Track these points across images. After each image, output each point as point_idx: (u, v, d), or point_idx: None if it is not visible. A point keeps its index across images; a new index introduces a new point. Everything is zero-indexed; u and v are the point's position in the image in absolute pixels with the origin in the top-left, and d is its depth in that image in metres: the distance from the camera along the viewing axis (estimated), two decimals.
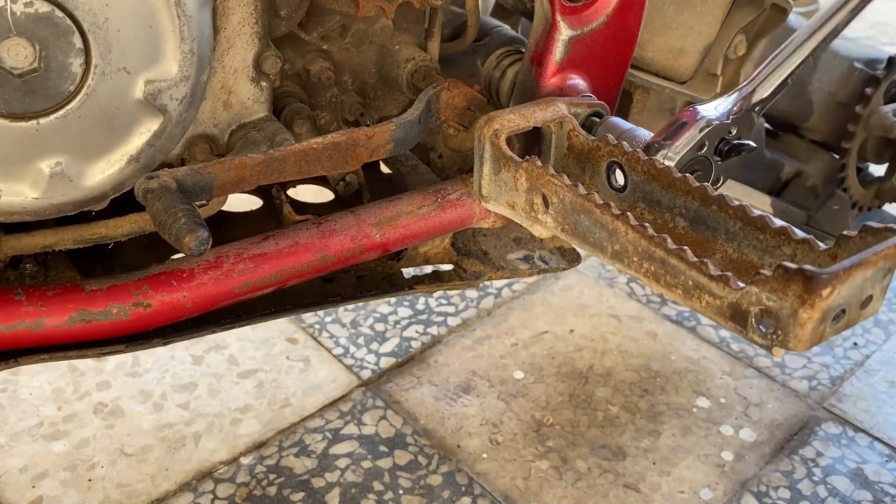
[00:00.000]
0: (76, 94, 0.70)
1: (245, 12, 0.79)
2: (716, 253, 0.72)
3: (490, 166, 0.81)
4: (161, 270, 0.78)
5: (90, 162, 0.73)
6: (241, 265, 0.80)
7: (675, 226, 0.75)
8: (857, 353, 1.64)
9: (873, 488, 1.35)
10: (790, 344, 0.61)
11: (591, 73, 0.86)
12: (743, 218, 0.69)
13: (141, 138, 0.74)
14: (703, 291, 0.65)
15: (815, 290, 0.58)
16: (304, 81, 0.90)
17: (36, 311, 0.74)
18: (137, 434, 1.38)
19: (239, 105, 0.82)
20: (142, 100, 0.72)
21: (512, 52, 0.91)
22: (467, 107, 0.88)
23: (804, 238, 0.66)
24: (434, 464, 1.36)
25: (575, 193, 0.73)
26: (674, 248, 0.66)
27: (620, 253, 0.71)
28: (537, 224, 0.80)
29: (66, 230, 0.79)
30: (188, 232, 0.66)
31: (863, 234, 0.62)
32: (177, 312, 0.78)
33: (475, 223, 0.90)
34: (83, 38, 0.68)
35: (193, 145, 0.82)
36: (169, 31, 0.71)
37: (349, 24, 0.88)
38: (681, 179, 0.73)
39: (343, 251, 0.84)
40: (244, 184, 0.75)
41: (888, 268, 0.60)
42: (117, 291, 0.76)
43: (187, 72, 0.73)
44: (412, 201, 0.87)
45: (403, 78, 0.91)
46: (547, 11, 0.83)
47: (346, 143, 0.79)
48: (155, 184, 0.69)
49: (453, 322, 1.67)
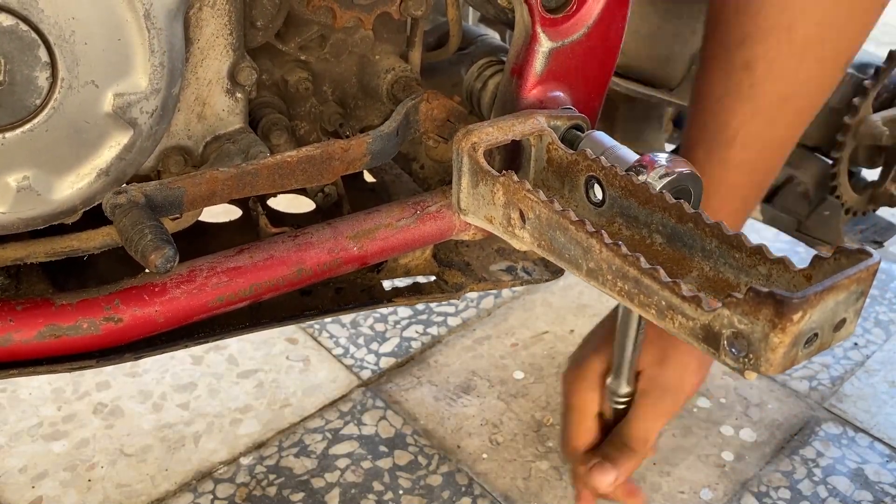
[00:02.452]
0: (43, 107, 0.69)
1: (219, 23, 0.78)
2: (692, 271, 0.71)
3: (468, 179, 0.80)
4: (133, 284, 0.77)
5: (59, 176, 0.72)
6: (214, 279, 0.79)
7: (653, 242, 0.74)
8: (858, 353, 1.64)
9: (874, 488, 1.34)
10: (762, 367, 0.59)
11: (573, 86, 0.85)
12: (719, 236, 0.68)
13: (111, 152, 0.73)
14: (676, 312, 0.64)
15: (785, 315, 0.56)
16: (283, 92, 0.89)
17: (4, 325, 0.73)
18: (137, 434, 1.38)
19: (213, 117, 0.81)
20: (111, 113, 0.71)
21: (494, 62, 0.90)
22: (447, 118, 0.87)
23: (779, 258, 0.65)
24: (434, 464, 1.36)
25: (550, 209, 0.72)
26: (647, 268, 0.64)
27: (595, 271, 0.70)
28: (515, 238, 0.79)
29: (37, 243, 0.78)
30: (154, 249, 0.65)
31: (837, 256, 0.60)
32: (149, 327, 0.77)
33: (455, 235, 0.88)
34: (49, 52, 0.67)
35: (167, 157, 0.81)
36: (138, 44, 0.70)
37: (328, 34, 0.87)
38: (657, 196, 0.71)
39: (320, 264, 0.83)
40: (215, 198, 0.74)
41: (861, 291, 0.59)
42: (88, 306, 0.75)
43: (158, 85, 0.72)
44: (391, 213, 0.86)
45: (384, 88, 0.90)
46: (527, 23, 0.82)
47: (321, 156, 0.78)
48: (123, 199, 0.69)
49: (453, 322, 1.67)
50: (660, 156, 0.74)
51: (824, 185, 1.33)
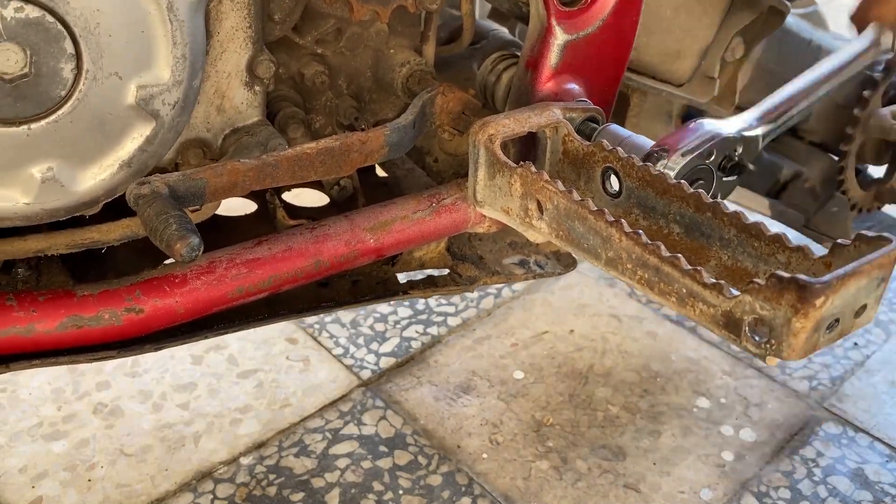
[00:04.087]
0: (67, 99, 0.69)
1: (238, 17, 0.78)
2: (710, 260, 0.72)
3: (485, 171, 0.81)
4: (153, 276, 0.77)
5: (82, 167, 0.72)
6: (234, 270, 0.79)
7: (670, 232, 0.75)
8: (858, 353, 1.64)
9: (873, 488, 1.34)
10: (784, 353, 0.60)
11: (587, 78, 0.86)
12: (737, 225, 0.69)
13: (133, 143, 0.73)
14: (697, 299, 0.64)
15: (808, 300, 0.57)
16: (299, 85, 0.90)
17: (27, 316, 0.74)
18: (137, 434, 1.38)
19: (232, 110, 0.82)
20: (134, 105, 0.72)
21: (507, 56, 0.91)
22: (462, 111, 0.87)
23: (798, 246, 0.66)
24: (434, 464, 1.36)
25: (569, 200, 0.73)
26: (667, 256, 0.65)
27: (614, 260, 0.70)
28: (532, 230, 0.79)
29: (58, 235, 0.78)
30: (179, 238, 0.65)
31: (857, 243, 0.61)
32: (169, 318, 0.78)
33: (470, 228, 0.89)
34: (74, 44, 0.68)
35: (187, 150, 0.81)
36: (161, 36, 0.71)
37: (344, 27, 0.88)
38: (675, 186, 0.72)
39: (337, 256, 0.84)
40: (237, 189, 0.74)
41: (882, 277, 0.60)
42: (109, 297, 0.76)
43: (179, 77, 0.72)
44: (407, 206, 0.86)
45: (398, 82, 0.90)
46: (542, 16, 0.82)
47: (339, 148, 0.78)
48: (146, 189, 0.69)
49: (453, 322, 1.67)
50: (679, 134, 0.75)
51: (831, 181, 1.34)
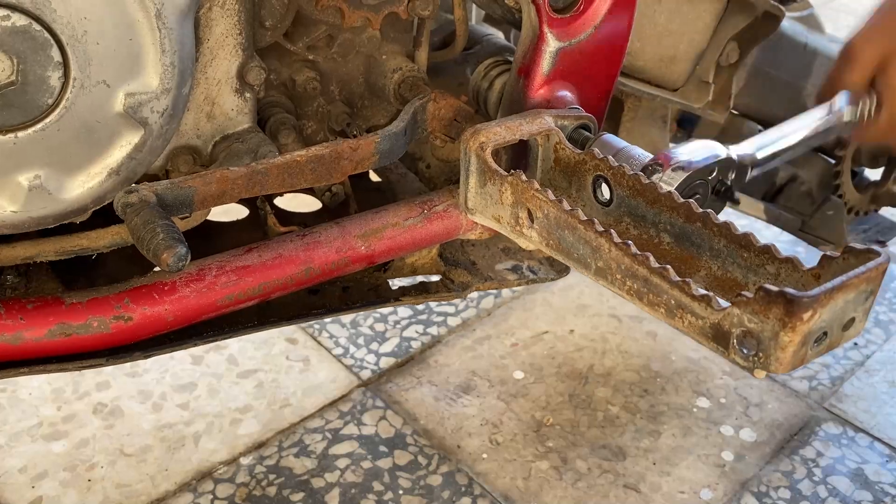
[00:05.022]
0: (55, 107, 0.69)
1: (228, 23, 0.78)
2: (700, 270, 0.72)
3: (476, 179, 0.81)
4: (142, 283, 0.77)
5: (70, 175, 0.72)
6: (223, 278, 0.79)
7: (661, 241, 0.74)
8: (858, 353, 1.64)
9: (873, 488, 1.34)
10: (772, 366, 0.60)
11: (579, 85, 0.85)
12: (727, 235, 0.69)
13: (121, 151, 0.73)
14: (686, 311, 0.64)
15: (796, 313, 0.57)
16: (290, 91, 0.89)
17: (15, 323, 0.74)
18: (137, 434, 1.38)
19: (222, 116, 0.82)
20: (122, 113, 0.71)
21: (500, 62, 0.91)
22: (454, 118, 0.87)
23: (787, 257, 0.65)
24: (434, 464, 1.36)
25: (559, 209, 0.72)
26: (656, 267, 0.65)
27: (604, 270, 0.70)
28: (523, 238, 0.79)
29: (47, 242, 0.78)
30: (166, 248, 0.65)
31: (846, 256, 0.61)
32: (158, 326, 0.78)
33: (462, 234, 0.89)
34: (61, 51, 0.67)
35: (176, 157, 0.81)
36: (149, 44, 0.70)
37: (335, 34, 0.88)
38: (666, 195, 0.72)
39: (328, 263, 0.83)
40: (226, 197, 0.74)
41: (870, 290, 0.60)
42: (98, 304, 0.76)
43: (168, 84, 0.72)
44: (398, 213, 0.86)
45: (390, 88, 0.90)
46: (534, 23, 0.82)
47: (329, 155, 0.78)
48: (134, 198, 0.69)
49: (453, 322, 1.67)
50: (675, 151, 0.75)
51: (827, 184, 1.33)
